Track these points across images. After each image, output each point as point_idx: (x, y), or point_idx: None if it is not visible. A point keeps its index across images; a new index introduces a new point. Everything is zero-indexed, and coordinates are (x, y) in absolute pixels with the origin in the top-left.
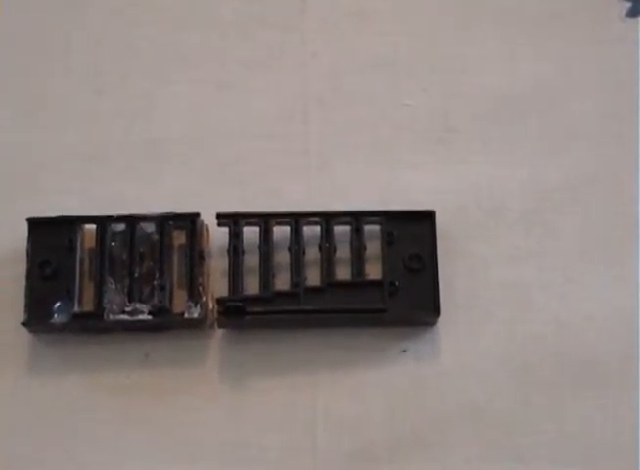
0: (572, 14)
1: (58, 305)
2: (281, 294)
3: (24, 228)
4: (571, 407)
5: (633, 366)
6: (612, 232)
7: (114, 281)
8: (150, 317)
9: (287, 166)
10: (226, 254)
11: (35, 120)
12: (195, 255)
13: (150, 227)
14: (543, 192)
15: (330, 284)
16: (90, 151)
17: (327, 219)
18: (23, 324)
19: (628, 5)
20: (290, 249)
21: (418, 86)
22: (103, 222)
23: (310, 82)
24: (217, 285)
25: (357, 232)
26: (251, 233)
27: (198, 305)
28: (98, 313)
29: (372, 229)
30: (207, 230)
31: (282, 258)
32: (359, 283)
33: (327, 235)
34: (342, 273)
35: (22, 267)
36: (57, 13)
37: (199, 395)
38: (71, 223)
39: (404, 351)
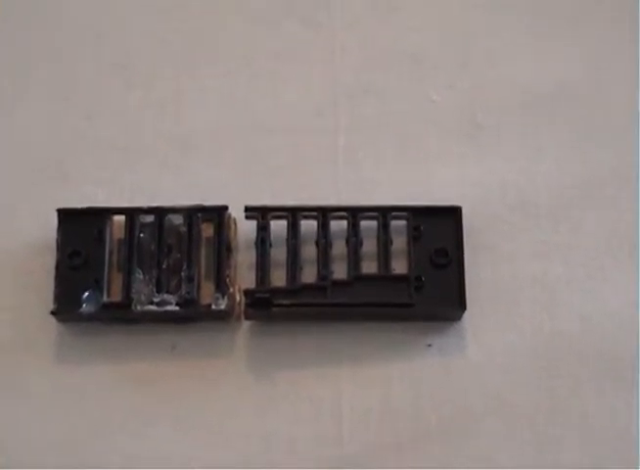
0: (601, 10)
1: (86, 294)
2: (308, 287)
3: (54, 218)
4: (595, 401)
5: None
6: (638, 228)
7: (142, 272)
8: (177, 308)
9: (315, 160)
10: (253, 247)
11: (65, 112)
12: (222, 247)
13: (178, 219)
14: (570, 187)
15: (356, 278)
16: (119, 142)
17: (354, 214)
18: (53, 313)
19: None
20: (317, 242)
21: (445, 82)
22: (132, 213)
23: (339, 76)
24: (244, 278)
25: (384, 227)
26: (278, 226)
27: (225, 297)
28: (126, 304)
29: (398, 224)
30: (235, 223)
31: (309, 251)
32: (385, 277)
33: (354, 229)
34: (369, 267)
35: (51, 257)
36: (87, 5)
37: (225, 386)
38: (101, 214)
39: (429, 345)
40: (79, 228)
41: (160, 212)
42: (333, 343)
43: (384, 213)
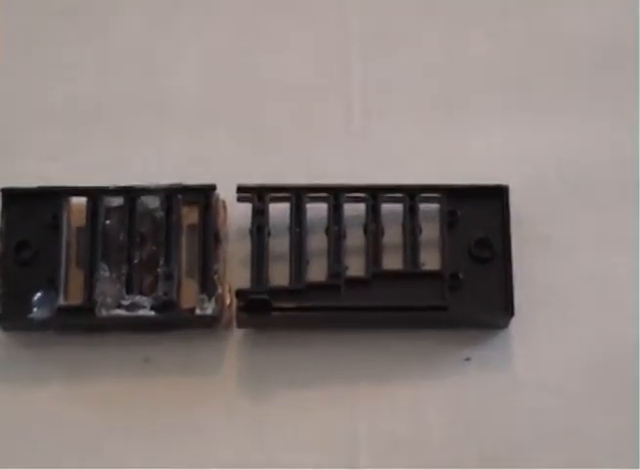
0: None
1: (38, 296)
2: (316, 286)
3: None
4: None
5: None
6: None
7: (108, 268)
8: (152, 313)
9: (324, 129)
10: (248, 236)
11: (11, 69)
12: (209, 236)
13: (153, 202)
14: None
15: (376, 275)
16: (80, 107)
17: (374, 195)
18: None
19: None
20: (327, 231)
21: (485, 31)
22: (95, 195)
23: (352, 26)
24: (236, 275)
25: (411, 211)
26: (279, 211)
27: (212, 299)
28: (88, 307)
29: (429, 208)
30: (225, 206)
31: (317, 242)
32: (413, 274)
33: (373, 214)
34: (392, 262)
35: None
36: None
37: (211, 409)
38: (56, 196)
39: (468, 359)
40: (28, 213)
41: (130, 194)
42: (347, 355)
43: (411, 195)
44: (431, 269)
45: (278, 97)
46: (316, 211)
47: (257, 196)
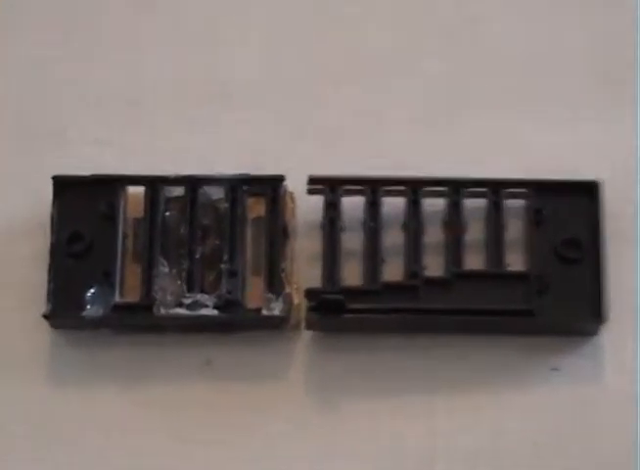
0: None
1: (92, 292)
2: (392, 286)
3: (49, 189)
4: None
5: None
6: None
7: (167, 263)
8: (215, 312)
9: (400, 118)
10: (319, 231)
11: (65, 50)
12: (277, 231)
13: (217, 193)
14: None
15: (457, 275)
16: (137, 90)
17: (455, 189)
18: (46, 317)
19: None
20: (404, 227)
21: (576, 21)
22: (154, 184)
23: (433, 9)
24: (306, 273)
25: (495, 207)
26: (352, 204)
27: (280, 299)
28: (145, 305)
29: (514, 204)
30: (293, 199)
31: (394, 238)
32: (497, 275)
33: (454, 210)
34: (474, 262)
35: (44, 241)
36: None
37: (276, 416)
38: (112, 184)
39: (555, 369)
40: (82, 203)
41: (192, 183)
42: (423, 362)
43: (495, 190)
44: (515, 271)
45: (353, 84)
46: (392, 205)
47: (330, 188)
